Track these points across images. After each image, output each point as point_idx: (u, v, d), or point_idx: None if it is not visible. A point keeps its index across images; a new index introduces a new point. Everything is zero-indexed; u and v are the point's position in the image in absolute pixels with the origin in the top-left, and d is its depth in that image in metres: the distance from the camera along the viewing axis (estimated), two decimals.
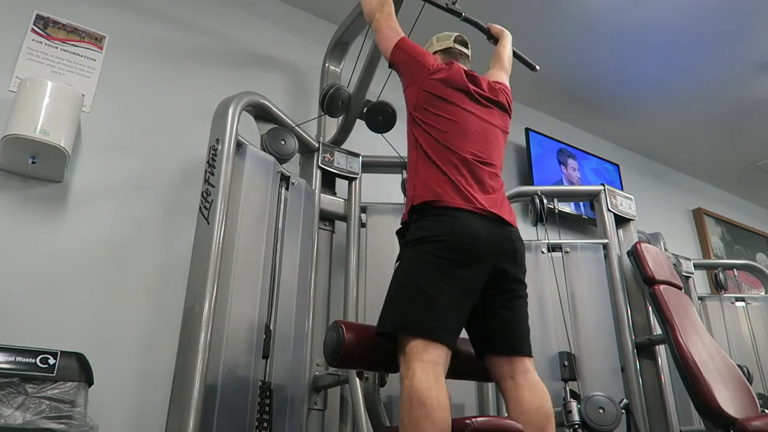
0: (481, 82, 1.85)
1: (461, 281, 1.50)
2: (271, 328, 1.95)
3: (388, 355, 1.53)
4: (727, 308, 3.41)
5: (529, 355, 1.59)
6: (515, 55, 2.43)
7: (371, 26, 2.00)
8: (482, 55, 2.21)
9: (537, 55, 2.28)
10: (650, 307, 2.49)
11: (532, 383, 1.53)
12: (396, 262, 1.62)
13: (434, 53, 1.96)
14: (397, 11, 2.02)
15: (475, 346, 1.64)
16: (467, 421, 1.43)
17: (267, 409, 1.82)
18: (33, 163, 2.01)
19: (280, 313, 2.00)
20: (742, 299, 3.49)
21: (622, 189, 3.77)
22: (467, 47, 2.02)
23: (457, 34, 2.02)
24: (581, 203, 3.56)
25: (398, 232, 1.71)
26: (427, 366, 1.39)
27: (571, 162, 3.83)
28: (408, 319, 1.47)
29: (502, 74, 2.08)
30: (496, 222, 1.61)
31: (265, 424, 1.80)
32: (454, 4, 2.30)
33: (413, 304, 1.49)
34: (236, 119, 2.01)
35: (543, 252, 2.60)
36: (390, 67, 1.91)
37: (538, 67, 2.51)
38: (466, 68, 1.88)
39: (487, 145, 1.74)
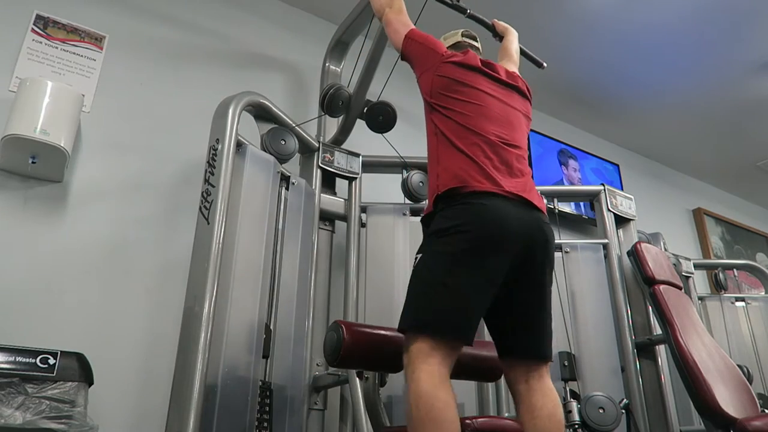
0: (497, 68, 1.80)
1: (485, 272, 1.43)
2: (271, 327, 1.95)
3: (388, 355, 1.53)
4: (727, 308, 3.41)
5: (550, 360, 1.54)
6: (522, 52, 2.40)
7: (381, 21, 1.98)
8: (487, 53, 2.21)
9: (537, 55, 2.28)
10: (650, 307, 2.49)
11: (546, 389, 1.49)
12: (417, 254, 1.52)
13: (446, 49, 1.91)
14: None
15: (495, 341, 1.58)
16: (467, 421, 1.43)
17: (267, 408, 1.82)
18: (33, 163, 2.01)
19: (280, 313, 2.00)
20: (742, 299, 3.49)
21: (622, 189, 3.77)
22: (476, 40, 1.98)
23: (464, 29, 1.99)
24: (581, 203, 3.56)
25: (423, 220, 1.61)
26: (433, 369, 1.34)
27: (571, 162, 3.83)
28: (426, 316, 1.40)
29: (512, 66, 2.04)
30: (526, 206, 1.52)
31: (265, 424, 1.80)
32: (458, 0, 2.30)
33: (433, 300, 1.41)
34: (236, 119, 2.01)
35: None
36: (402, 59, 1.87)
37: (545, 64, 2.48)
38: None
39: (511, 128, 1.67)
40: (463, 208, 1.48)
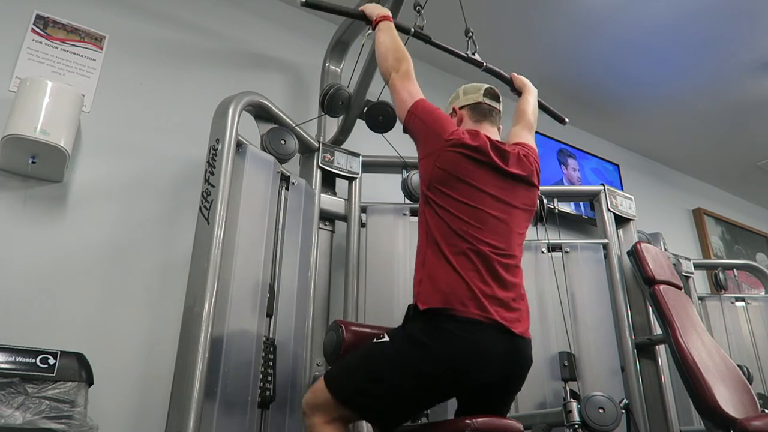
0: (509, 155, 1.65)
1: (437, 397, 1.48)
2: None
3: None
4: (727, 308, 3.41)
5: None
6: (542, 107, 2.34)
7: (387, 84, 1.80)
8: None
9: (537, 56, 2.28)
10: (650, 307, 2.49)
11: None
12: (392, 331, 1.52)
13: (461, 108, 1.80)
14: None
15: None
16: (467, 421, 1.43)
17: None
18: (33, 163, 2.01)
19: (280, 313, 1.99)
20: (742, 299, 3.49)
21: (622, 189, 3.77)
22: (498, 101, 1.81)
23: (488, 86, 1.81)
24: (581, 203, 3.56)
25: (408, 309, 1.55)
26: (337, 426, 1.44)
27: (570, 161, 3.83)
28: (360, 397, 1.44)
29: (526, 133, 1.91)
30: (510, 337, 1.48)
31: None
32: (474, 54, 2.27)
33: (375, 388, 1.43)
34: (236, 119, 2.01)
35: (543, 252, 2.60)
36: (404, 132, 1.74)
37: (566, 120, 2.50)
38: (493, 138, 1.68)
39: (507, 234, 1.58)
40: (443, 335, 1.42)
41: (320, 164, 2.42)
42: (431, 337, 1.42)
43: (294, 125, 2.33)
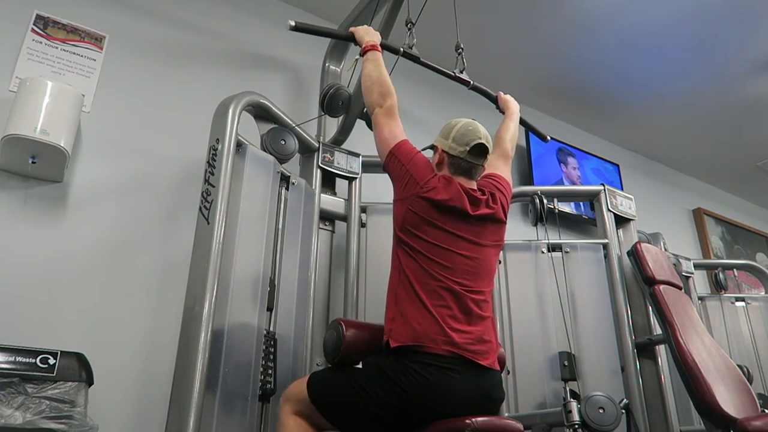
0: (479, 201, 1.69)
1: (407, 424, 1.49)
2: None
3: None
4: (727, 308, 3.41)
5: None
6: (525, 125, 2.37)
7: (371, 117, 1.84)
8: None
9: (537, 56, 2.28)
10: (650, 307, 2.49)
11: None
12: (366, 360, 1.63)
13: (443, 151, 1.75)
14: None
15: None
16: (467, 420, 1.43)
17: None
18: (33, 163, 2.01)
19: (280, 313, 2.00)
20: (742, 299, 3.49)
21: (622, 189, 3.77)
22: (485, 156, 1.75)
23: (478, 141, 1.71)
24: (581, 203, 3.56)
25: (383, 344, 1.61)
26: (301, 422, 1.56)
27: (570, 160, 3.83)
28: (329, 405, 1.55)
29: (501, 164, 1.95)
30: (478, 371, 1.53)
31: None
32: (462, 72, 2.30)
33: (340, 408, 1.54)
34: (236, 119, 2.01)
35: (543, 252, 2.60)
36: (383, 170, 1.80)
37: (549, 138, 2.56)
38: (467, 186, 1.70)
39: (477, 271, 1.63)
40: (410, 374, 1.47)
41: (320, 164, 2.42)
42: (397, 373, 1.48)
43: (294, 125, 2.33)
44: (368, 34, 1.99)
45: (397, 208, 1.71)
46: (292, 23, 1.96)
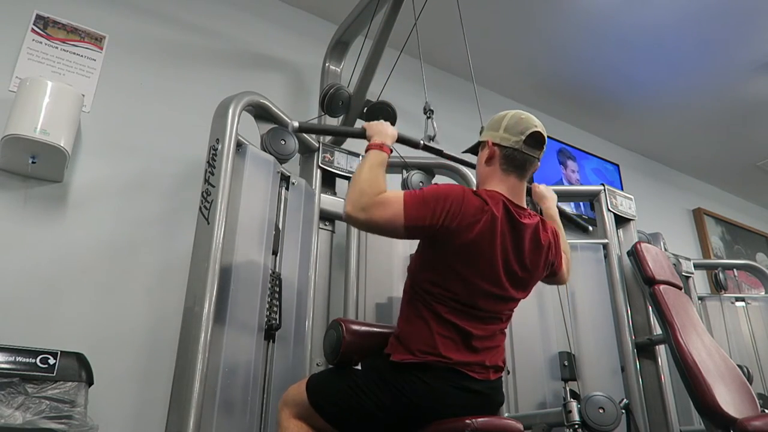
0: (524, 231, 1.53)
1: (403, 426, 1.48)
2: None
3: None
4: (727, 308, 3.41)
5: None
6: (565, 216, 2.11)
7: (349, 220, 1.52)
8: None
9: (537, 56, 2.28)
10: (650, 307, 2.48)
11: None
12: (365, 361, 1.60)
13: (494, 144, 1.60)
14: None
15: None
16: (467, 421, 1.43)
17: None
18: (33, 163, 2.01)
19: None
20: (742, 299, 3.49)
21: (622, 189, 3.77)
22: (542, 147, 1.61)
23: (534, 129, 1.57)
24: (581, 203, 3.56)
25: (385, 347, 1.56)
26: (301, 425, 1.54)
27: (569, 163, 3.83)
28: (328, 406, 1.52)
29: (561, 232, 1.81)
30: (477, 382, 1.50)
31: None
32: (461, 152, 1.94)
33: (338, 408, 1.52)
34: (236, 119, 2.00)
35: None
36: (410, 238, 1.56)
37: (591, 229, 2.28)
38: (513, 200, 1.55)
39: (493, 324, 1.56)
40: (409, 378, 1.46)
41: (320, 164, 2.42)
42: (395, 375, 1.47)
43: None
44: (379, 133, 1.67)
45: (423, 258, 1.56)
46: (296, 125, 1.81)
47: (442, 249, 1.48)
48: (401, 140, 1.76)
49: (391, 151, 1.65)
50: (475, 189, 1.58)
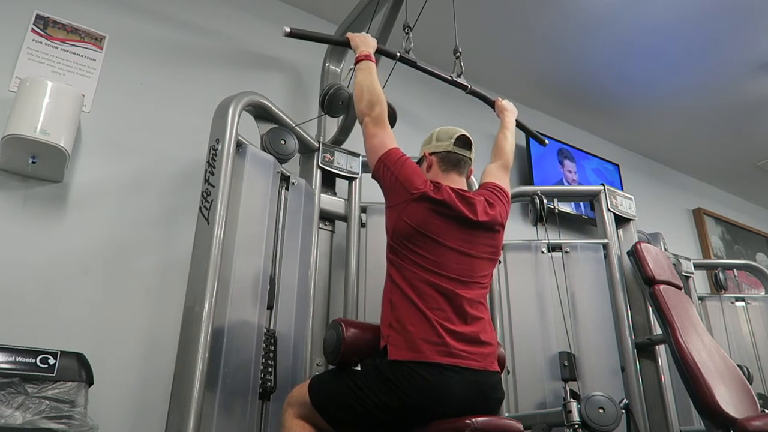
0: (475, 203, 1.69)
1: (403, 424, 1.50)
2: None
3: None
4: (727, 308, 3.41)
5: None
6: (523, 129, 2.36)
7: (361, 125, 1.84)
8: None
9: (537, 55, 2.28)
10: (650, 307, 2.48)
11: None
12: (365, 361, 1.62)
13: (431, 154, 1.82)
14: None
15: None
16: (467, 421, 1.43)
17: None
18: (33, 163, 2.01)
19: (280, 313, 2.00)
20: (742, 299, 3.49)
21: (622, 189, 3.77)
22: (470, 148, 1.83)
23: (460, 133, 1.82)
24: (581, 203, 3.56)
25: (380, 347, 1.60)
26: (304, 425, 1.57)
27: (567, 163, 3.83)
28: (330, 408, 1.55)
29: (501, 173, 1.96)
30: (475, 374, 1.53)
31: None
32: (459, 76, 2.30)
33: (340, 409, 1.54)
34: (236, 119, 2.01)
35: (543, 252, 2.60)
36: (372, 178, 1.80)
37: (547, 142, 2.58)
38: (458, 187, 1.72)
39: (470, 276, 1.64)
40: (408, 376, 1.48)
41: (320, 164, 2.42)
42: (395, 374, 1.49)
43: (294, 125, 2.33)
44: (364, 43, 1.99)
45: (390, 215, 1.72)
46: (288, 29, 1.95)
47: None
48: (380, 51, 1.99)
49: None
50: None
